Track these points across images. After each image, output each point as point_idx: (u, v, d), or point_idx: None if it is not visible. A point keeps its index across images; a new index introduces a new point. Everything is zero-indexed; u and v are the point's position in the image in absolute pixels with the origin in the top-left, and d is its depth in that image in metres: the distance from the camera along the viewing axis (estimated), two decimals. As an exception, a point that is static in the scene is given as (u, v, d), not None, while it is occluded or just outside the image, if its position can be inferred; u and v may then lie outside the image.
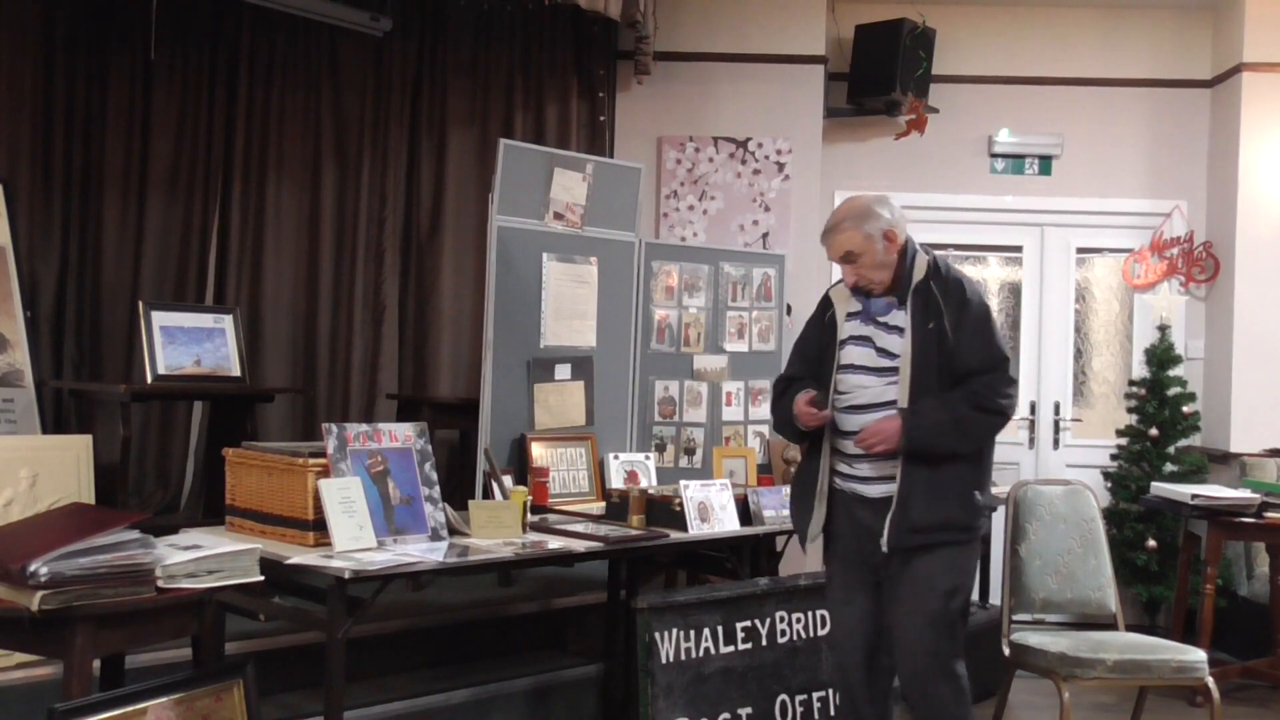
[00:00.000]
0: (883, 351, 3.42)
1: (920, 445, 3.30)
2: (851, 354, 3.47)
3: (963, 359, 3.33)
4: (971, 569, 3.48)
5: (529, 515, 3.79)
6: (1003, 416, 3.36)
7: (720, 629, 3.97)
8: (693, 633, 3.89)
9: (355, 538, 3.31)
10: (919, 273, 3.40)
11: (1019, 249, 6.85)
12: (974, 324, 3.35)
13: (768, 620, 4.12)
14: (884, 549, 3.34)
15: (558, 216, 4.54)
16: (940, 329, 3.34)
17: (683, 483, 3.99)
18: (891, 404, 3.36)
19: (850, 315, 3.50)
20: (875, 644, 3.50)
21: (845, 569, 3.53)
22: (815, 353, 3.56)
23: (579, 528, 3.87)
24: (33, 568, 2.52)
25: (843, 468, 3.48)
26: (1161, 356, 6.30)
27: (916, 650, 3.35)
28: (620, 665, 4.42)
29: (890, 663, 3.48)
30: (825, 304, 3.60)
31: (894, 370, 3.37)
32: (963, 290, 3.38)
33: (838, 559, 3.55)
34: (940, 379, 3.33)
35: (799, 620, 4.20)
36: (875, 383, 3.42)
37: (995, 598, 4.87)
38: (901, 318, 3.40)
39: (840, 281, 3.58)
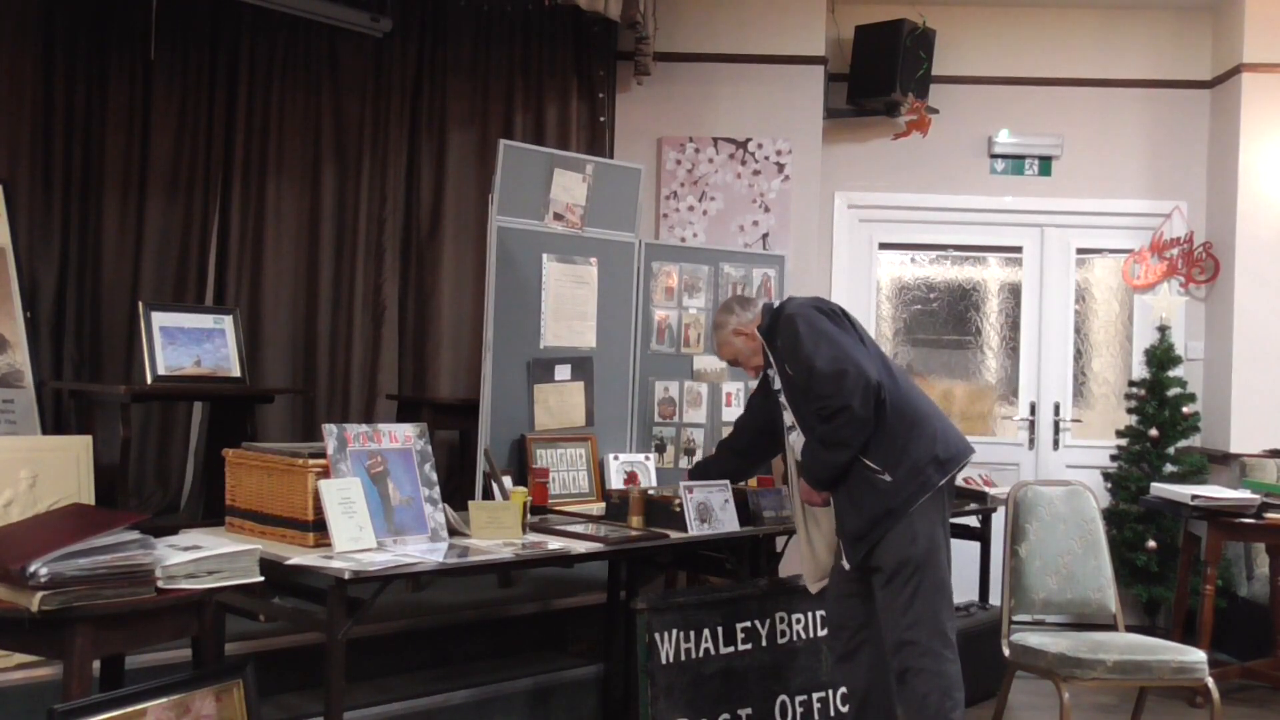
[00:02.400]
0: (784, 411, 3.86)
1: (815, 477, 3.73)
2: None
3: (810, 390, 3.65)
4: (913, 538, 3.58)
5: (529, 516, 3.79)
6: (840, 414, 3.56)
7: (720, 629, 3.98)
8: (693, 633, 3.90)
9: (355, 538, 3.31)
10: (759, 351, 3.88)
11: (1019, 249, 6.84)
12: (789, 353, 3.70)
13: (767, 621, 4.12)
14: (845, 567, 3.77)
15: (558, 217, 4.54)
16: (788, 375, 3.73)
17: (683, 483, 3.99)
18: (794, 428, 3.82)
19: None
20: (841, 627, 3.87)
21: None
22: None
23: (579, 528, 3.87)
24: (33, 568, 2.52)
25: None
26: (1161, 357, 6.30)
27: (887, 634, 3.64)
28: (620, 666, 4.42)
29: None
30: None
31: (785, 408, 3.83)
32: (779, 326, 3.76)
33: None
34: (804, 407, 3.70)
35: (799, 621, 4.21)
36: (795, 440, 3.83)
37: (995, 598, 4.87)
38: (775, 378, 3.86)
39: None
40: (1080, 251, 6.84)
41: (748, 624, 4.06)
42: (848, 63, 6.54)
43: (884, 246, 6.83)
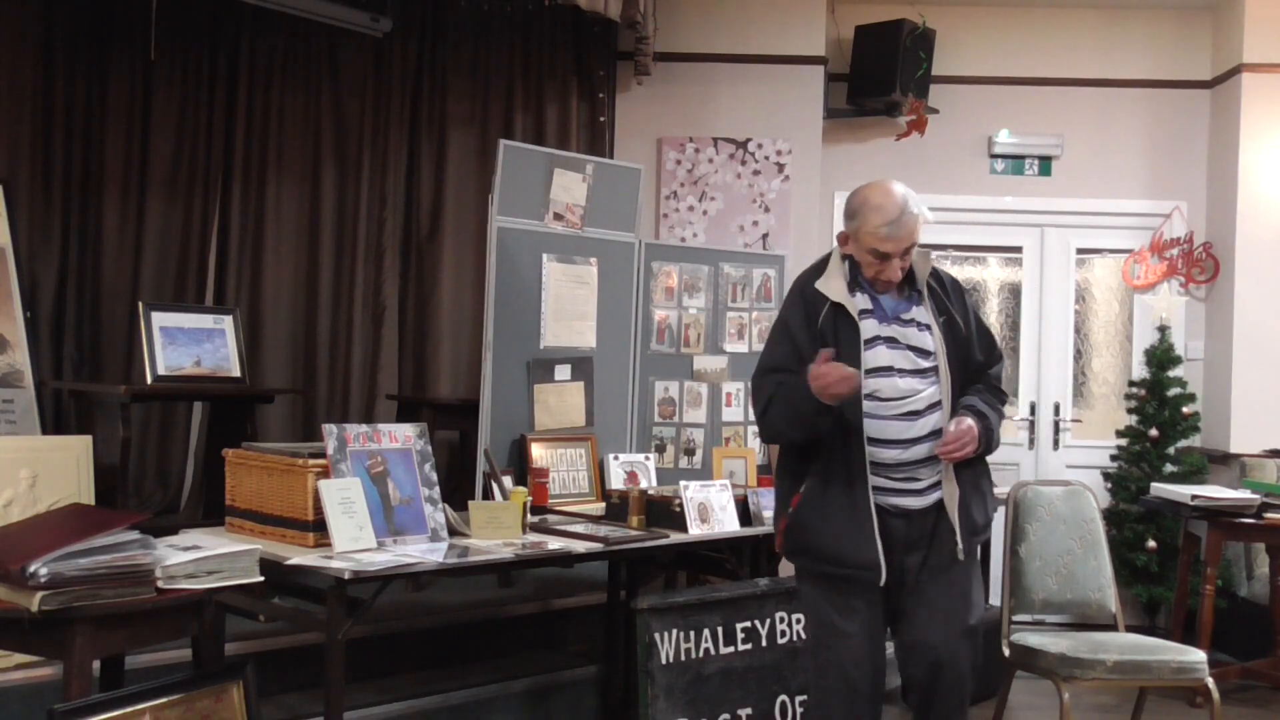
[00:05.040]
0: (919, 351, 3.17)
1: (994, 446, 3.22)
2: (884, 356, 3.14)
3: (976, 352, 3.26)
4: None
5: (529, 516, 3.79)
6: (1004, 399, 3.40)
7: (720, 630, 3.97)
8: (692, 633, 3.89)
9: (355, 538, 3.31)
10: (926, 266, 3.26)
11: (1019, 249, 6.85)
12: (976, 316, 3.35)
13: (767, 621, 4.12)
14: (959, 556, 3.10)
15: (558, 217, 4.54)
16: (953, 322, 3.21)
17: (682, 483, 3.99)
18: (939, 405, 3.14)
19: (864, 313, 3.18)
20: (881, 676, 3.20)
21: (852, 593, 3.12)
22: (811, 354, 3.07)
23: (579, 528, 3.86)
24: (33, 568, 2.52)
25: (882, 482, 3.10)
26: (1161, 357, 6.30)
27: (955, 664, 3.14)
28: (620, 666, 4.42)
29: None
30: (816, 300, 3.18)
31: (933, 370, 3.16)
32: (957, 283, 3.38)
33: (843, 584, 3.12)
34: (960, 374, 3.21)
35: (799, 621, 4.20)
36: (923, 385, 3.15)
37: (995, 598, 4.87)
38: (923, 313, 3.20)
39: (819, 277, 3.22)
40: (1080, 251, 6.84)
41: (748, 624, 4.06)
42: (848, 63, 6.54)
43: (884, 246, 6.82)
